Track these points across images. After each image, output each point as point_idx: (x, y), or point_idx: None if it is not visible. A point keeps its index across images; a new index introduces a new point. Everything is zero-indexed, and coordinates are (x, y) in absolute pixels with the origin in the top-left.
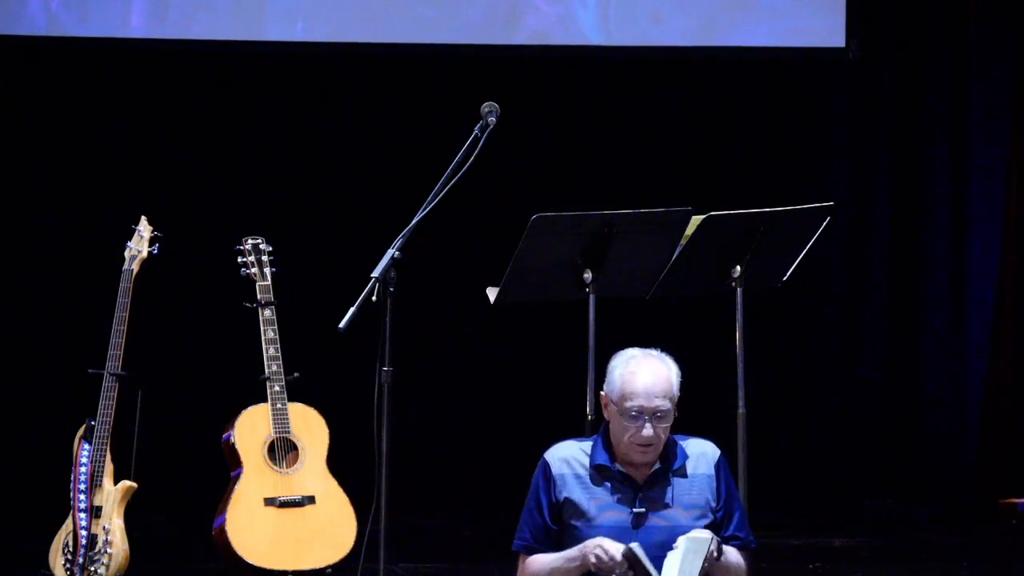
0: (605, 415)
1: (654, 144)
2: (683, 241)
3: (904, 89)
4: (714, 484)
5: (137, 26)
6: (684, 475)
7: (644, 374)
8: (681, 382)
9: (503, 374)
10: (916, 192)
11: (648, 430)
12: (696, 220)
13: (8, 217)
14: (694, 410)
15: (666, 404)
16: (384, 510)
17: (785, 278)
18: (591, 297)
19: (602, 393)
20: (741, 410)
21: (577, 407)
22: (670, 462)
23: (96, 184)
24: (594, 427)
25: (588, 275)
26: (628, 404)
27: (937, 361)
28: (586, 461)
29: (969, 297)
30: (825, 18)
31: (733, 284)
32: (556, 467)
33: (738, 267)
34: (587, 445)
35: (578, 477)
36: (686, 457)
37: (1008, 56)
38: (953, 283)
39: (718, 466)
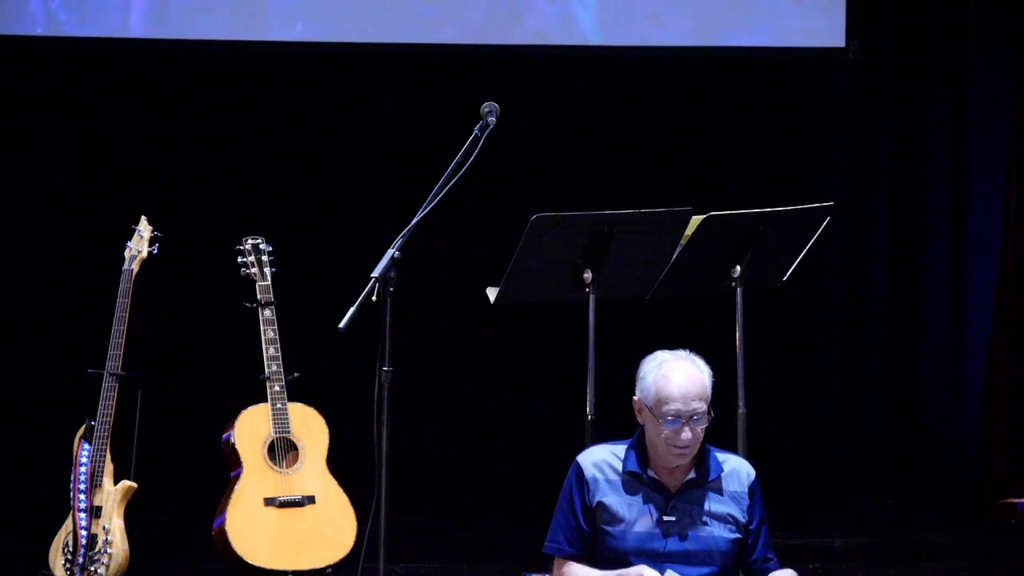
0: (639, 420)
1: (654, 144)
2: (683, 241)
3: (904, 89)
4: (746, 503)
5: (137, 26)
6: (717, 488)
7: (679, 378)
8: (713, 382)
9: (503, 374)
10: (916, 192)
11: (687, 434)
12: (696, 220)
13: (8, 217)
14: None
15: (702, 406)
16: (384, 510)
17: (785, 278)
18: (591, 297)
19: (635, 399)
20: (741, 410)
21: (577, 407)
22: (704, 473)
23: (96, 184)
24: (595, 427)
25: (588, 275)
26: (665, 409)
27: (937, 362)
28: (619, 466)
29: (969, 298)
30: (825, 18)
31: (733, 284)
32: (589, 471)
33: (738, 267)
34: (620, 450)
35: (610, 483)
36: (720, 471)
37: (1008, 56)
38: (953, 283)
39: (753, 488)
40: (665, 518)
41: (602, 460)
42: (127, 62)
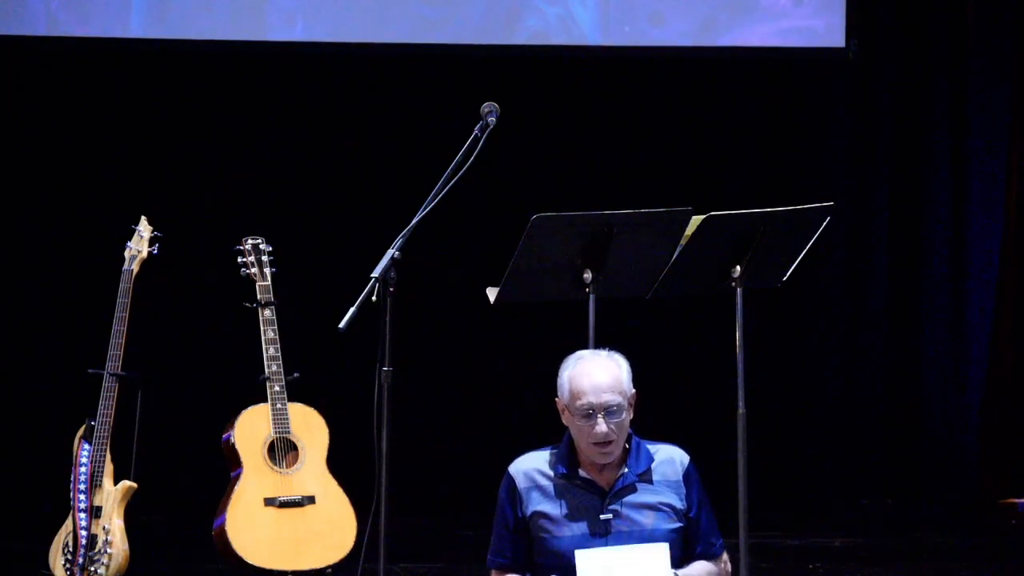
0: (564, 421)
1: (654, 144)
2: (683, 241)
3: (904, 89)
4: (683, 490)
5: (137, 26)
6: (650, 480)
7: (591, 372)
8: (633, 377)
9: (503, 374)
10: (916, 192)
11: (601, 426)
12: (696, 220)
13: (8, 217)
14: (694, 410)
15: (616, 399)
16: (384, 510)
17: (785, 278)
18: (591, 297)
19: (556, 399)
20: (741, 410)
21: None
22: (635, 467)
23: (96, 184)
24: None
25: (588, 275)
26: (578, 403)
27: (937, 361)
28: (550, 472)
29: (969, 297)
30: (825, 18)
31: (733, 284)
32: (520, 481)
33: (738, 267)
34: (549, 455)
35: (542, 489)
36: (652, 461)
37: (1008, 56)
38: (953, 283)
39: (687, 473)
40: (602, 517)
41: (533, 468)
42: (127, 62)
